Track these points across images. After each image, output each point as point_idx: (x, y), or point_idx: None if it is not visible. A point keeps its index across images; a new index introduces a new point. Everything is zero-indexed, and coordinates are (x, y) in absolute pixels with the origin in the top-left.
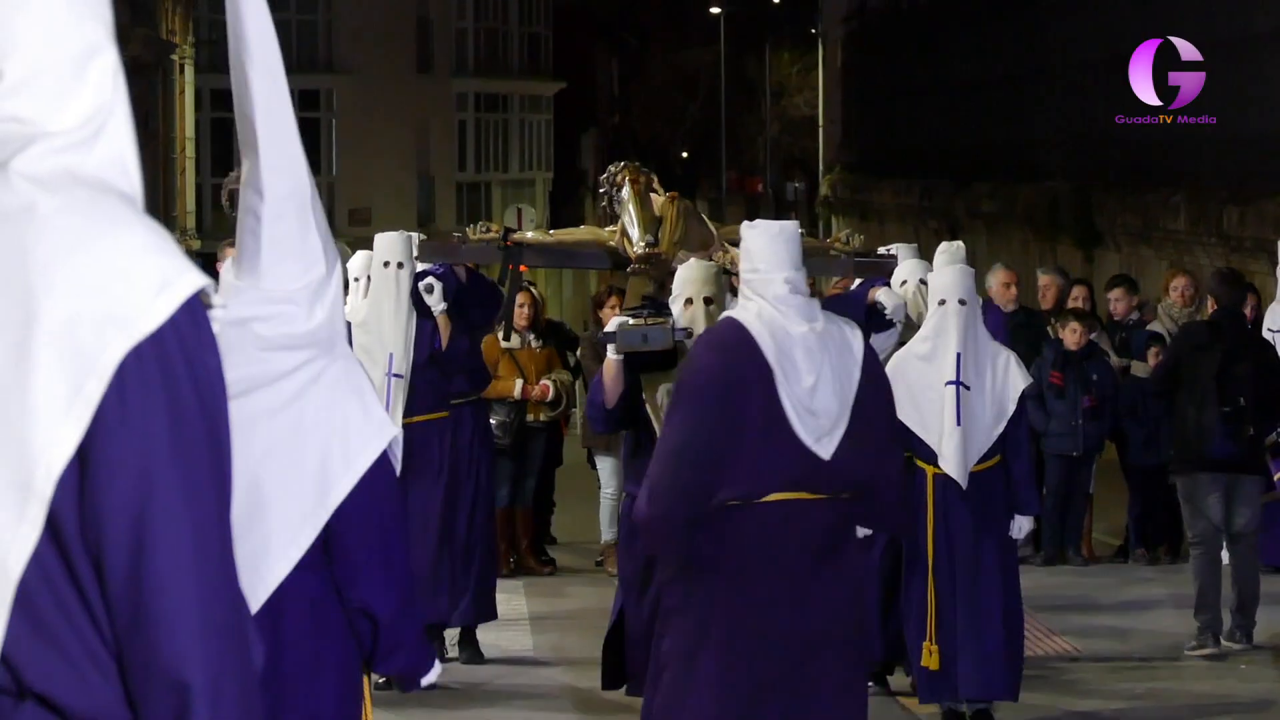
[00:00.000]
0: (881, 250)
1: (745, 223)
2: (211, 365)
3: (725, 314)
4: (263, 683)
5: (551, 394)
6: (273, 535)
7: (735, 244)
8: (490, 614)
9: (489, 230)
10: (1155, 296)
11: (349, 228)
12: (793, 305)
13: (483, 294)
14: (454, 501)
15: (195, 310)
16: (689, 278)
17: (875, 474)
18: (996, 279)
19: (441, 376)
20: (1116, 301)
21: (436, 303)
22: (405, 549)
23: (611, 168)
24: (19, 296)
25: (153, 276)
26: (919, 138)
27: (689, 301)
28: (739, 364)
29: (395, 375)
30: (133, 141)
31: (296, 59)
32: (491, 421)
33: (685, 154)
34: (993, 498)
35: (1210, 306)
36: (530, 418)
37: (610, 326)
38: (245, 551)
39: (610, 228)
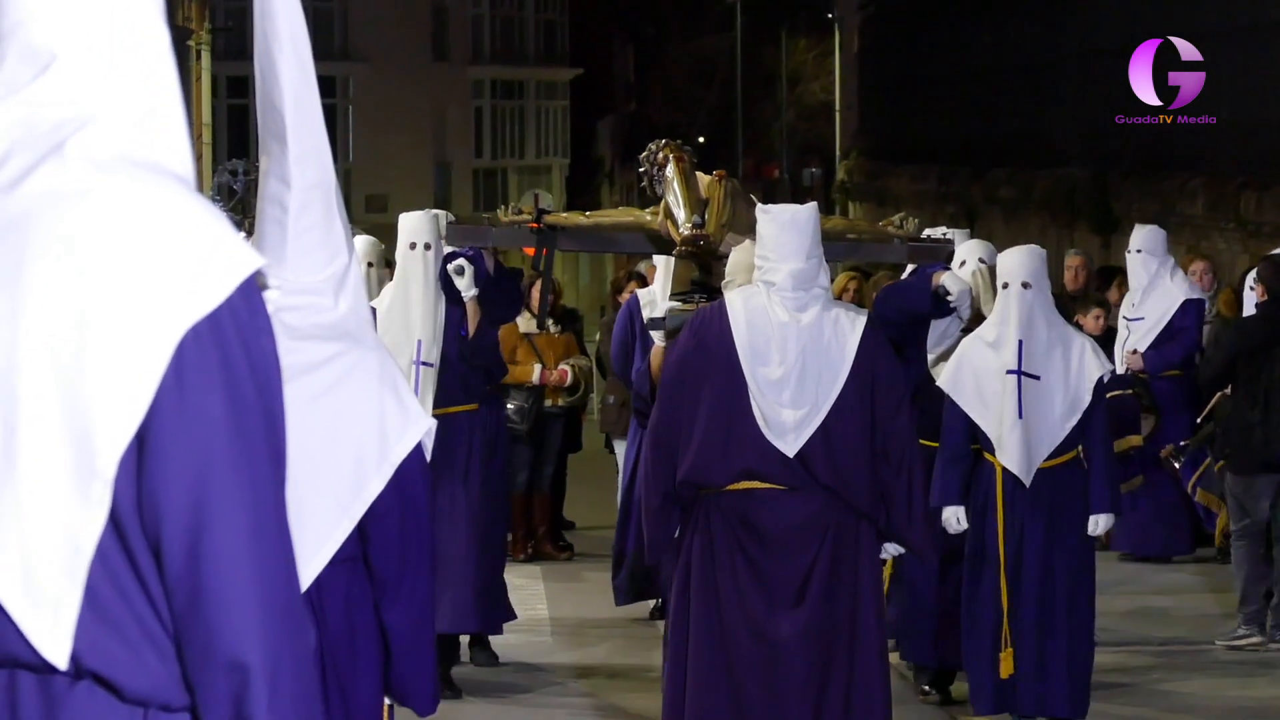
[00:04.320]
0: (927, 232)
1: (760, 206)
2: (266, 346)
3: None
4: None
5: (570, 379)
6: (307, 530)
7: None
8: (509, 615)
9: (520, 212)
10: None
11: (366, 214)
12: (787, 296)
13: (508, 290)
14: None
15: (251, 292)
16: (744, 261)
17: (854, 478)
18: None
19: (468, 367)
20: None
21: (467, 287)
22: (430, 556)
23: (652, 145)
24: (78, 279)
25: (209, 258)
26: (936, 124)
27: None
28: (708, 347)
29: (424, 363)
30: (184, 123)
31: (313, 47)
32: (509, 407)
33: (702, 140)
34: (1068, 495)
35: (1260, 294)
36: (548, 403)
37: (659, 311)
38: None
39: (651, 209)
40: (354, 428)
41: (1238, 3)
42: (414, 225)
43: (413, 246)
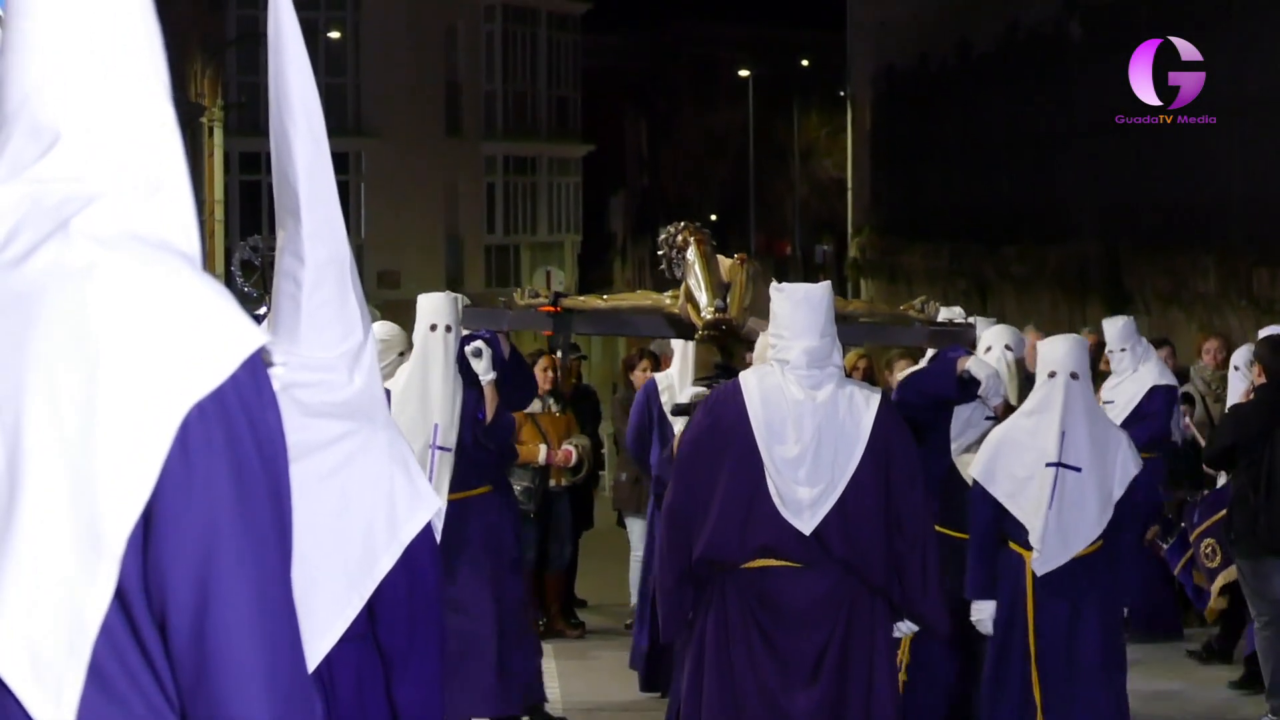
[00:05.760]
0: (944, 313)
1: (774, 284)
2: (272, 423)
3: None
4: None
5: (574, 459)
6: (317, 606)
7: None
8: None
9: (537, 295)
10: (1187, 359)
11: (378, 290)
12: (802, 373)
13: (523, 376)
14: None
15: (256, 368)
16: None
17: (870, 554)
18: (1027, 340)
19: (482, 451)
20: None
21: (485, 371)
22: (439, 635)
23: (670, 228)
24: (82, 355)
25: (214, 334)
26: (948, 199)
27: None
28: (725, 425)
29: (440, 448)
30: (190, 200)
31: (325, 122)
32: (516, 489)
33: (714, 216)
34: (1093, 585)
35: (1257, 375)
36: (552, 483)
37: (681, 397)
38: None
39: (671, 292)
40: (364, 506)
41: (1249, 76)
42: (434, 306)
43: (433, 328)
